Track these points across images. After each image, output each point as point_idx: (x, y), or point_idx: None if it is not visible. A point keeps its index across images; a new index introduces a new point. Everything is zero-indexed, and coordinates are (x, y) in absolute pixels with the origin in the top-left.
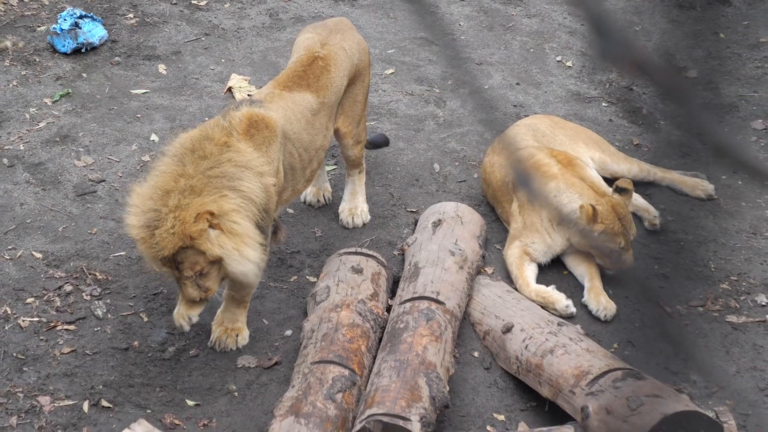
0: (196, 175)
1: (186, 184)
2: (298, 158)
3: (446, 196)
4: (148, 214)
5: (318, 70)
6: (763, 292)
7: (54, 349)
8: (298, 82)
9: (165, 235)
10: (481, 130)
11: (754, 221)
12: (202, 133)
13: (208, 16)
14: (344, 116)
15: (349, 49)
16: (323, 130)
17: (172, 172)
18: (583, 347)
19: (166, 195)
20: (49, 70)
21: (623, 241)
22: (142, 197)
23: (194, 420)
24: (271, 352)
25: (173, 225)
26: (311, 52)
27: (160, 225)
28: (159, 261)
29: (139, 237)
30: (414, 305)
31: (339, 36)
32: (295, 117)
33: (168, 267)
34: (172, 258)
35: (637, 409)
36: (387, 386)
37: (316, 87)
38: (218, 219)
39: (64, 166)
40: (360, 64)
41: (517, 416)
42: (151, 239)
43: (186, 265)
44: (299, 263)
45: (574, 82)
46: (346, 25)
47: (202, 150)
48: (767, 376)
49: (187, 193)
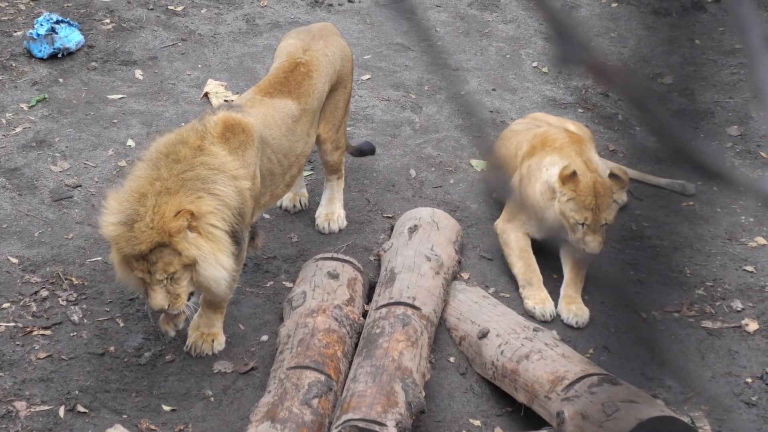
0: (170, 178)
1: (161, 186)
2: (277, 163)
3: (422, 202)
4: (123, 212)
5: (300, 77)
6: (738, 298)
7: (30, 354)
8: (279, 88)
9: (144, 228)
10: (457, 135)
11: (729, 227)
12: (177, 137)
13: (184, 22)
14: (325, 122)
15: (331, 55)
16: (304, 137)
17: (147, 176)
18: (559, 353)
19: (143, 197)
20: (26, 75)
21: (590, 219)
22: (118, 200)
23: (170, 425)
24: (247, 357)
25: (152, 219)
26: (293, 58)
27: (138, 220)
28: (133, 258)
29: (116, 233)
30: (390, 310)
31: (322, 42)
32: (274, 123)
33: (140, 268)
34: (145, 257)
35: (612, 415)
36: (363, 392)
37: (298, 93)
38: (196, 221)
39: (40, 171)
40: (342, 71)
41: (493, 421)
42: (128, 233)
43: (159, 265)
44: (275, 268)
45: (550, 88)
46: (329, 30)
47: (176, 154)
48: (742, 381)
49: (162, 194)
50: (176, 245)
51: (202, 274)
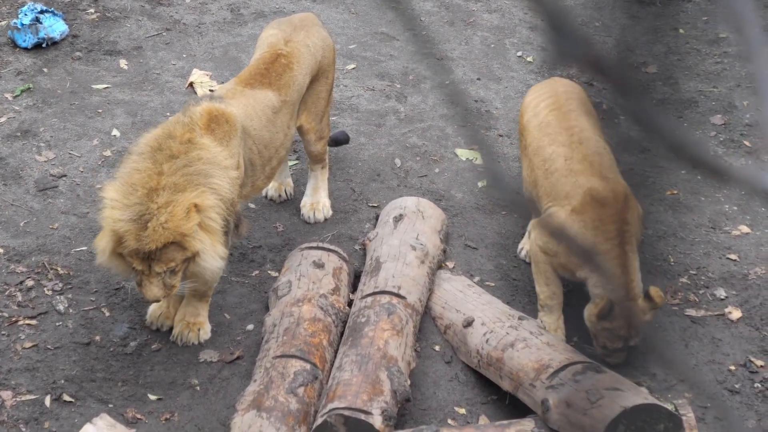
0: (175, 173)
1: (169, 181)
2: (257, 155)
3: (407, 191)
4: (132, 208)
5: (280, 68)
6: (721, 286)
7: (16, 343)
8: (260, 79)
9: (158, 228)
10: (442, 125)
11: (713, 216)
12: (164, 132)
13: (169, 12)
14: (307, 112)
15: (313, 46)
16: (284, 128)
17: (147, 170)
18: (544, 341)
19: (151, 193)
20: (10, 65)
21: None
22: (122, 194)
23: (156, 414)
24: (233, 346)
25: (167, 220)
26: (274, 49)
27: (151, 219)
28: (138, 255)
29: (125, 229)
30: (375, 299)
31: (303, 33)
32: (255, 114)
33: (140, 262)
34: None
35: (596, 402)
36: (348, 380)
37: (278, 85)
38: (200, 215)
39: (25, 161)
40: (324, 62)
41: (478, 409)
42: (140, 231)
43: (161, 261)
44: (261, 258)
45: (535, 78)
46: (311, 21)
47: (169, 149)
48: (725, 369)
49: (171, 191)
50: (186, 243)
51: (201, 266)
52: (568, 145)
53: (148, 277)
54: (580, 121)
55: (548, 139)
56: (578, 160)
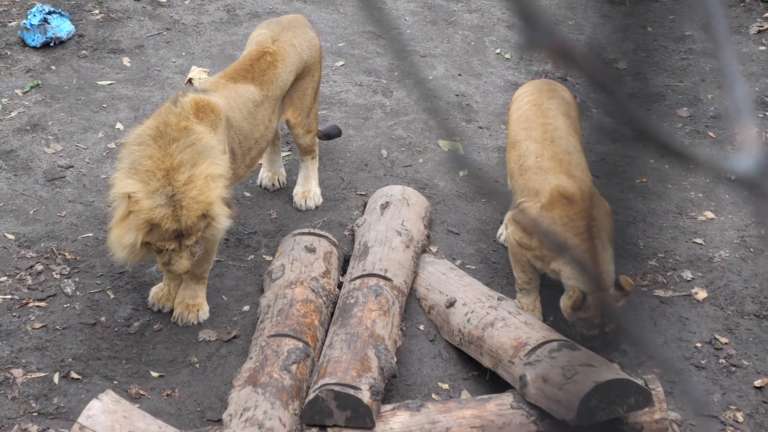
0: (183, 151)
1: (181, 159)
2: (238, 144)
3: (393, 180)
4: (159, 192)
5: (265, 65)
6: (688, 268)
7: (26, 324)
8: (243, 74)
9: (192, 204)
10: (425, 118)
11: (679, 202)
12: (159, 121)
13: (169, 12)
14: (293, 108)
15: (298, 45)
16: (265, 121)
17: (156, 155)
18: (521, 320)
19: (170, 173)
20: (20, 63)
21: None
22: (140, 182)
23: (158, 390)
24: (230, 326)
25: (197, 194)
26: (261, 47)
27: (182, 197)
28: (172, 236)
29: (163, 215)
30: (363, 282)
31: (290, 33)
32: (237, 106)
33: (173, 242)
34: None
35: (571, 378)
36: (338, 358)
37: (261, 80)
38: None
39: (34, 153)
40: (309, 60)
41: (460, 385)
42: (177, 212)
43: (192, 233)
44: (256, 243)
45: (512, 73)
46: (299, 22)
47: (169, 134)
48: (692, 346)
49: (187, 167)
50: (211, 211)
51: (216, 228)
52: (541, 142)
53: (179, 253)
54: (557, 120)
55: (524, 134)
56: (548, 158)
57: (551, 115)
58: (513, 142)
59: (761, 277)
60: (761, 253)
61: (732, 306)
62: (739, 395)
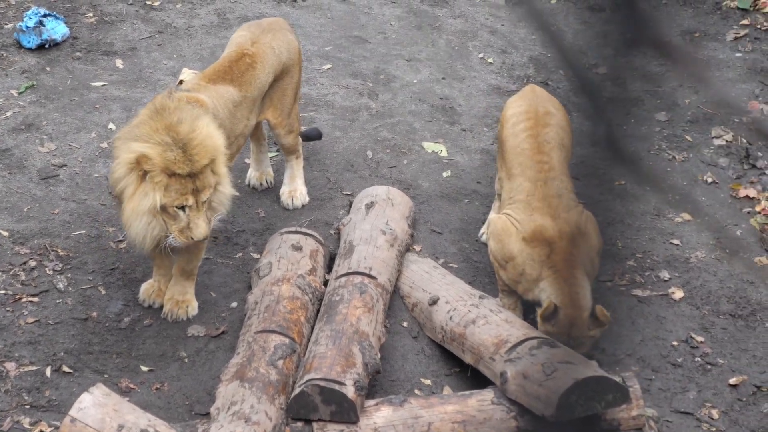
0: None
1: (180, 116)
2: None
3: (378, 181)
4: (167, 140)
5: (244, 67)
6: (665, 268)
7: (19, 319)
8: (222, 76)
9: (200, 147)
10: (410, 120)
11: (657, 204)
12: (155, 105)
13: (161, 15)
14: (273, 108)
15: (277, 48)
16: (244, 120)
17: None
18: (502, 318)
19: (173, 126)
20: (16, 64)
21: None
22: (146, 141)
23: (148, 384)
24: (218, 322)
25: (203, 139)
26: (241, 49)
27: (189, 142)
28: (188, 189)
29: (174, 157)
30: (349, 279)
31: (270, 35)
32: (219, 106)
33: (191, 196)
34: (194, 180)
35: (551, 375)
36: (324, 353)
37: (240, 82)
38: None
39: (28, 152)
40: (288, 62)
41: (442, 381)
42: (185, 155)
43: (205, 186)
44: (244, 241)
45: (495, 77)
46: (279, 25)
47: (166, 111)
48: (669, 344)
49: (190, 120)
50: (216, 166)
51: (222, 192)
52: (534, 182)
53: (197, 212)
54: (552, 158)
55: (519, 170)
56: (539, 199)
57: (547, 149)
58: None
59: (736, 277)
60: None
61: (708, 305)
62: (714, 393)
